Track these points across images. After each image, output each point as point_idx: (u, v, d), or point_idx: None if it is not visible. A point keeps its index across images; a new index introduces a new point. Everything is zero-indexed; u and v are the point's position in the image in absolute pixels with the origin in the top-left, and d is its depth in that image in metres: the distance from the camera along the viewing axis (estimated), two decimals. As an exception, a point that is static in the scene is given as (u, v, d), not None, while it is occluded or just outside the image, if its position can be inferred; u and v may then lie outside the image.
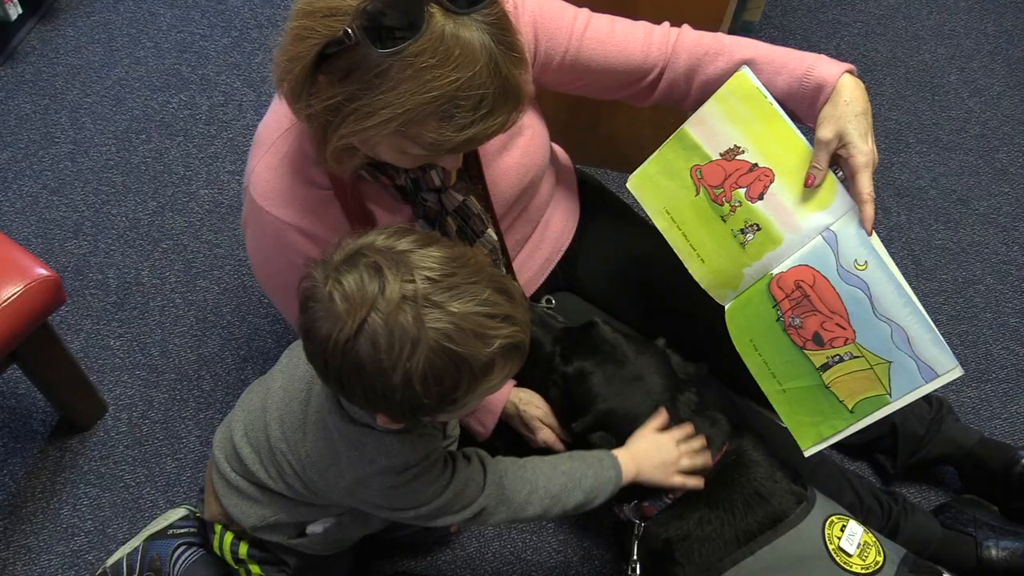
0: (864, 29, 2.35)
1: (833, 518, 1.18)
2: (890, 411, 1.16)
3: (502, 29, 0.93)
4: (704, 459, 1.21)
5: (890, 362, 1.14)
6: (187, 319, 1.76)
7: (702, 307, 1.47)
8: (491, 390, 0.95)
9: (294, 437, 1.10)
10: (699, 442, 1.22)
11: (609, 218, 1.52)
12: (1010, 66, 2.30)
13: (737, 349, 1.27)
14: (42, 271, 1.32)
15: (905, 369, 1.13)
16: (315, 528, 1.22)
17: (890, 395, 1.15)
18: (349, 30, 0.87)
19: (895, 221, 1.99)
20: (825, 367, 1.19)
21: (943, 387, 1.12)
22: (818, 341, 1.18)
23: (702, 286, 1.28)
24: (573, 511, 1.16)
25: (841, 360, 1.17)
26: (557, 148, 1.49)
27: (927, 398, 1.56)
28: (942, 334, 1.11)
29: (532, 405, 1.34)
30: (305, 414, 1.09)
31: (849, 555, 1.14)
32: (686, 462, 1.20)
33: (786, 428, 1.55)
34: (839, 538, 1.15)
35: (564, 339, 1.32)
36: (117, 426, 1.63)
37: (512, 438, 1.39)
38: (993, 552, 1.40)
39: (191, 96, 2.09)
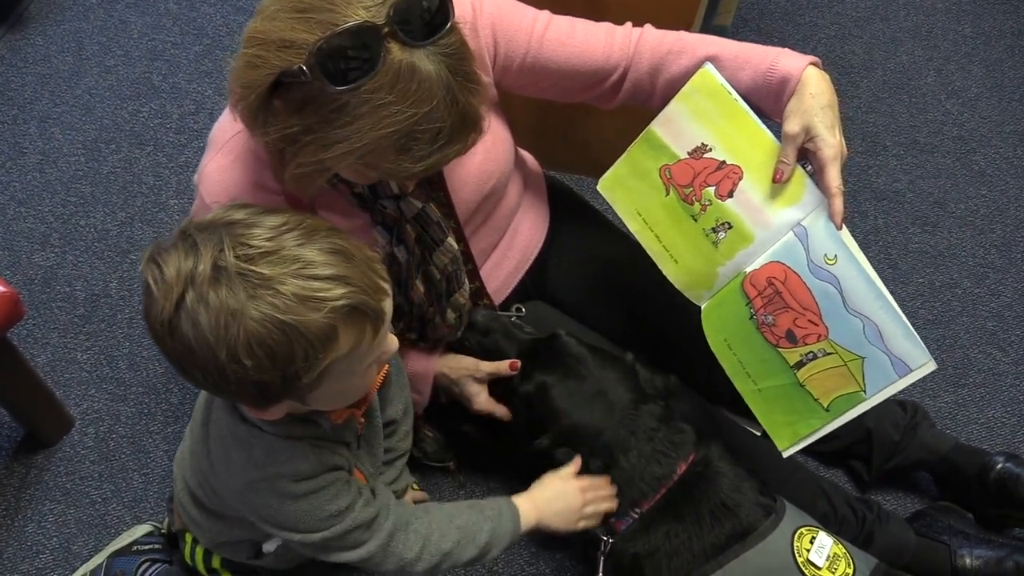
0: (841, 32, 2.34)
1: (802, 530, 1.16)
2: (866, 408, 1.14)
3: (460, 59, 0.92)
4: (609, 505, 1.21)
5: (863, 358, 1.12)
6: (155, 331, 1.73)
7: (675, 313, 1.46)
8: (349, 361, 0.88)
9: (199, 434, 1.08)
10: (606, 490, 1.21)
11: (579, 225, 1.51)
12: (987, 68, 2.29)
13: (712, 349, 1.26)
14: (-1, 286, 1.30)
15: (879, 364, 1.11)
16: (269, 547, 1.20)
17: (865, 392, 1.14)
18: (304, 68, 0.86)
19: (872, 224, 1.98)
20: (799, 365, 1.17)
21: (918, 381, 1.10)
22: (791, 338, 1.17)
23: (677, 287, 1.27)
24: (466, 565, 1.13)
25: (815, 357, 1.16)
26: (526, 155, 1.48)
27: (902, 404, 1.56)
28: (919, 338, 1.10)
29: (462, 369, 1.33)
30: (208, 412, 1.06)
31: (818, 567, 1.13)
32: (590, 509, 1.19)
33: (760, 435, 1.55)
34: (808, 550, 1.14)
35: (528, 351, 1.30)
36: (84, 441, 1.61)
37: (484, 421, 1.38)
38: (967, 561, 1.39)
39: (162, 105, 2.07)
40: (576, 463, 1.22)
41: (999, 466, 1.45)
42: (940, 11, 2.41)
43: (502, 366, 1.32)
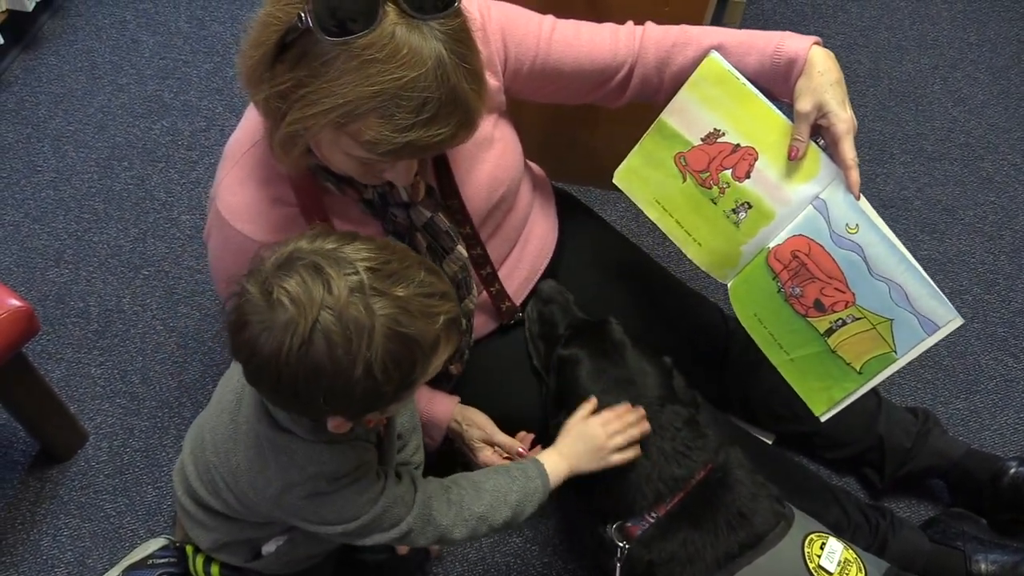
0: (847, 41, 2.35)
1: (812, 536, 1.16)
2: (898, 367, 1.17)
3: (458, 40, 0.93)
4: (641, 429, 1.19)
5: (891, 319, 1.15)
6: (168, 346, 1.75)
7: (684, 316, 1.47)
8: (436, 368, 0.96)
9: (224, 447, 1.09)
10: (632, 415, 1.20)
11: (587, 233, 1.52)
12: (993, 75, 2.29)
13: (742, 323, 1.29)
14: (14, 302, 1.31)
15: (907, 325, 1.14)
16: (268, 548, 1.22)
17: (895, 352, 1.16)
18: (302, 14, 0.89)
19: (880, 232, 1.98)
20: (829, 332, 1.20)
21: (934, 385, 1.12)
22: (819, 307, 1.20)
23: (702, 268, 1.30)
24: (503, 527, 1.14)
25: (844, 323, 1.18)
26: (533, 165, 1.49)
27: (913, 411, 1.55)
28: (944, 296, 1.12)
29: (475, 426, 1.34)
30: (236, 423, 1.07)
31: (830, 573, 1.12)
32: (619, 439, 1.18)
33: (771, 444, 1.55)
34: (819, 556, 1.13)
35: (576, 326, 1.32)
36: (98, 455, 1.62)
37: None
38: (983, 566, 1.38)
39: (173, 122, 2.09)
40: (592, 402, 1.21)
41: (1012, 471, 1.44)
42: (945, 19, 2.42)
43: (512, 444, 1.32)
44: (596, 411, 1.21)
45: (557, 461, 1.17)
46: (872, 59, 2.32)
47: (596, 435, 1.18)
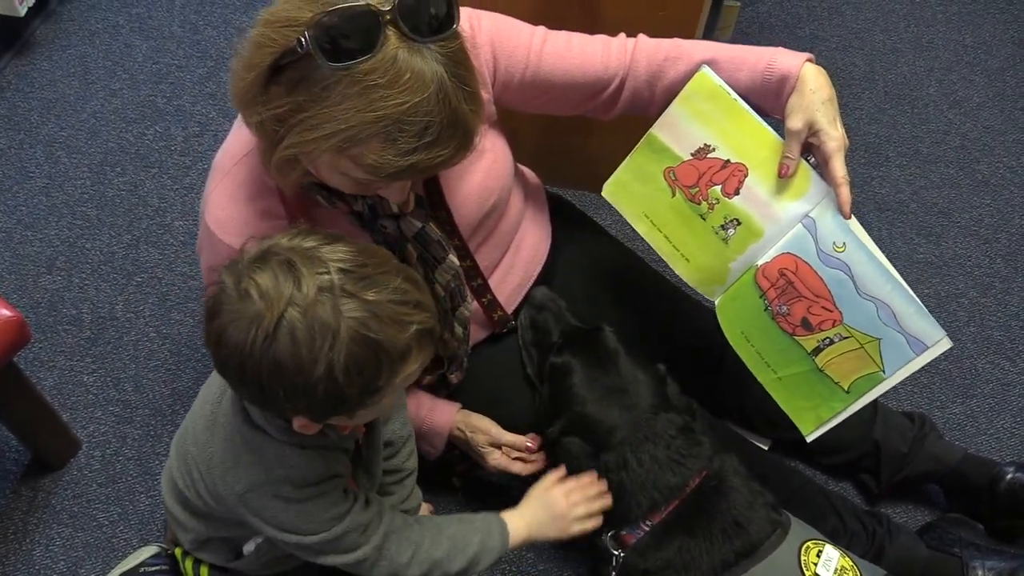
0: (842, 43, 2.35)
1: (809, 543, 1.15)
2: (886, 387, 1.17)
3: (457, 63, 0.93)
4: (603, 502, 1.20)
5: (879, 339, 1.15)
6: (161, 353, 1.74)
7: (679, 322, 1.47)
8: (408, 379, 0.95)
9: (203, 437, 1.09)
10: (595, 487, 1.21)
11: (581, 239, 1.51)
12: (989, 77, 2.29)
13: (730, 341, 1.28)
14: (5, 312, 1.30)
15: (895, 344, 1.14)
16: (249, 547, 1.21)
17: (884, 371, 1.16)
18: (302, 39, 0.88)
19: (876, 236, 1.96)
20: (817, 351, 1.20)
21: (932, 391, 1.12)
22: (806, 326, 1.19)
23: (689, 284, 1.29)
24: (457, 575, 1.15)
25: (831, 342, 1.18)
26: (527, 171, 1.48)
27: (909, 415, 1.55)
28: (932, 317, 1.12)
29: (479, 431, 1.33)
30: (215, 415, 1.08)
31: (827, 581, 1.12)
32: (580, 510, 1.19)
33: (767, 449, 1.54)
34: (816, 564, 1.13)
35: (570, 335, 1.32)
36: (90, 463, 1.61)
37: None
38: (980, 573, 1.37)
39: (166, 127, 2.08)
40: (556, 473, 1.23)
41: (1009, 476, 1.44)
42: (940, 22, 2.42)
43: (520, 440, 1.33)
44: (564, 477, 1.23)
45: (519, 524, 1.19)
46: (867, 62, 2.31)
47: (558, 503, 1.20)
